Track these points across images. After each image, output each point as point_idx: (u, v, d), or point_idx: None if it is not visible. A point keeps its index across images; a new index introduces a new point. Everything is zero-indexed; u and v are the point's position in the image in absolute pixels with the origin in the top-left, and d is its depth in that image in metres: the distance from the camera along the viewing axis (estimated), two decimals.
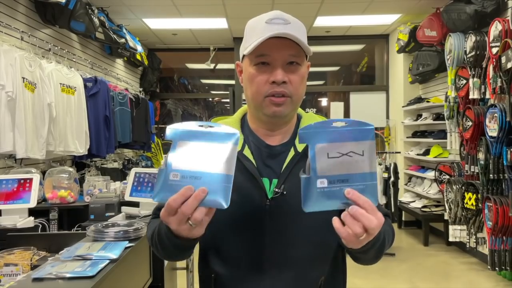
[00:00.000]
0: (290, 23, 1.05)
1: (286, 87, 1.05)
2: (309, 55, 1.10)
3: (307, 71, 1.11)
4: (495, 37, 3.93)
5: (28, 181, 2.41)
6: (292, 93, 1.06)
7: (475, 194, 4.26)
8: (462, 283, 4.35)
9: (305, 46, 1.04)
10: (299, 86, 1.07)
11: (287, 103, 1.07)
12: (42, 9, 3.98)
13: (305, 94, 2.44)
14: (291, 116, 1.13)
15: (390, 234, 1.15)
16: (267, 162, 1.11)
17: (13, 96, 3.15)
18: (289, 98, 1.06)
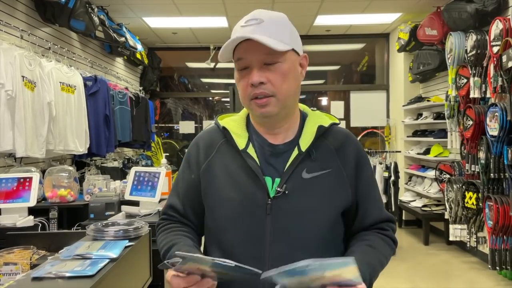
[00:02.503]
0: (264, 21, 1.05)
1: (266, 87, 1.05)
2: (295, 48, 1.08)
3: (293, 65, 1.08)
4: (496, 36, 3.92)
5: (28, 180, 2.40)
6: (274, 92, 1.05)
7: (476, 193, 4.26)
8: (463, 282, 4.35)
9: (276, 44, 1.01)
10: (282, 83, 1.05)
11: (271, 103, 1.06)
12: (42, 8, 3.97)
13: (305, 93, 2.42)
14: (285, 114, 1.11)
15: (387, 254, 1.16)
16: (270, 161, 1.11)
17: (13, 94, 3.14)
18: (273, 97, 1.06)
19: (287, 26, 1.09)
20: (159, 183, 2.42)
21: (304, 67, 1.13)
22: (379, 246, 1.13)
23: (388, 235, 1.16)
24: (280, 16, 1.10)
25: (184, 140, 8.34)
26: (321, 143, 1.12)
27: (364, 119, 7.30)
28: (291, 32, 1.08)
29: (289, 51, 1.07)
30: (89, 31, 4.40)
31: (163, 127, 8.62)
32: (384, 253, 1.13)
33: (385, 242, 1.15)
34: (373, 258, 1.09)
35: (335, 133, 1.16)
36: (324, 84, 8.87)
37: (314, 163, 1.10)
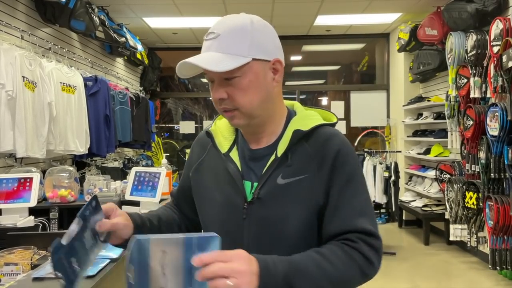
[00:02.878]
0: (220, 35, 1.03)
1: (227, 103, 1.04)
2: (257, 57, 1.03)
3: (256, 76, 1.04)
4: (496, 36, 3.92)
5: (28, 180, 2.40)
6: (237, 106, 1.04)
7: (476, 193, 4.25)
8: (463, 282, 4.35)
9: (220, 64, 0.99)
10: (242, 97, 1.03)
11: (237, 116, 1.06)
12: (42, 8, 3.97)
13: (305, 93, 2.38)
14: (259, 122, 1.09)
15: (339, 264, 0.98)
16: (250, 165, 1.11)
17: (13, 95, 3.14)
18: (236, 110, 1.05)
19: (247, 35, 1.03)
20: (160, 183, 2.42)
21: (278, 71, 1.08)
22: (326, 251, 0.98)
23: (355, 247, 1.00)
24: (240, 25, 1.05)
25: (184, 140, 8.34)
26: (299, 147, 1.07)
27: (364, 119, 7.30)
28: (252, 41, 1.03)
29: (251, 62, 1.02)
30: (90, 31, 4.41)
31: (163, 127, 8.63)
32: (330, 259, 0.97)
33: (344, 253, 0.99)
34: (304, 256, 0.97)
35: (318, 136, 1.08)
36: (324, 84, 8.87)
37: (290, 168, 1.06)
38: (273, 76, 1.07)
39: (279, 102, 1.12)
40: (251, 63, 1.02)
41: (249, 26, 1.04)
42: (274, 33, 1.11)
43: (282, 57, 1.09)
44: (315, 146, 1.07)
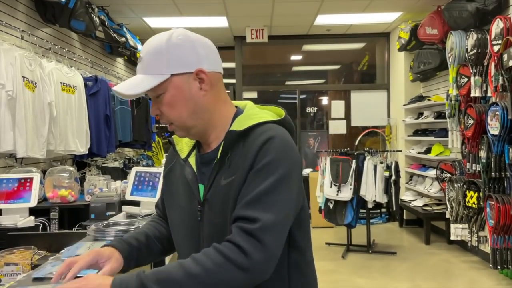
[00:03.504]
0: (142, 58, 1.10)
1: (162, 118, 1.13)
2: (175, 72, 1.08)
3: (179, 89, 1.09)
4: (496, 35, 3.91)
5: (29, 181, 2.40)
6: (170, 120, 1.12)
7: (477, 193, 4.25)
8: (464, 281, 4.34)
9: (133, 88, 1.07)
10: (170, 112, 1.10)
11: (175, 129, 1.14)
12: (42, 8, 3.97)
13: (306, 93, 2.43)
14: (199, 130, 1.14)
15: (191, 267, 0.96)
16: (202, 169, 1.16)
17: (13, 95, 3.14)
18: (172, 124, 1.13)
19: (162, 54, 1.08)
20: (160, 183, 2.42)
21: (203, 80, 1.10)
22: (201, 257, 0.98)
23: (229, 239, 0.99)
24: (155, 45, 1.10)
25: None
26: (237, 147, 1.09)
27: (365, 118, 7.30)
28: (169, 58, 1.08)
29: (170, 78, 1.08)
30: (90, 31, 4.40)
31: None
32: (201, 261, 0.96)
33: (216, 251, 0.98)
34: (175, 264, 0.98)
35: (253, 135, 1.08)
36: (324, 83, 8.87)
37: (228, 169, 1.08)
38: (199, 86, 1.10)
39: (218, 108, 1.14)
40: (171, 79, 1.08)
41: (164, 44, 1.09)
42: (197, 44, 1.13)
43: (211, 65, 1.12)
44: (248, 145, 1.07)
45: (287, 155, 1.06)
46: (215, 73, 1.13)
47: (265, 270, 0.98)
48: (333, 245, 5.55)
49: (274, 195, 1.01)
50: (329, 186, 5.16)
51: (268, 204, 1.00)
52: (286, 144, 1.07)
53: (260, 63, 8.81)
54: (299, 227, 1.12)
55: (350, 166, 5.13)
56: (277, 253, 1.00)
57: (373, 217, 6.43)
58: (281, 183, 1.03)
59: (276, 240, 1.00)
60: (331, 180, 5.14)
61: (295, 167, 1.07)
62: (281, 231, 1.02)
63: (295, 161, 1.08)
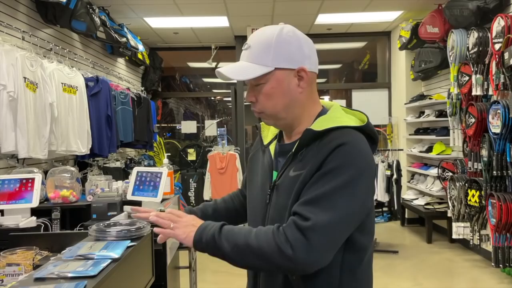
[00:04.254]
0: (250, 47, 1.18)
1: (255, 106, 1.22)
2: (280, 66, 1.16)
3: (280, 83, 1.17)
4: (497, 33, 3.91)
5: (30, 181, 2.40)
6: (262, 109, 1.21)
7: (479, 191, 4.25)
8: (466, 280, 4.34)
9: (242, 73, 1.16)
10: (266, 102, 1.19)
11: (264, 117, 1.23)
12: (43, 9, 3.98)
13: None
14: (286, 123, 1.23)
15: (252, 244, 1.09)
16: (279, 157, 1.27)
17: (15, 96, 3.15)
18: (263, 113, 1.22)
19: (270, 47, 1.16)
20: (161, 183, 2.42)
21: (304, 78, 1.18)
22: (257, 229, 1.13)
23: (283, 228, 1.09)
24: (266, 37, 1.17)
25: (186, 140, 8.34)
26: (312, 145, 1.16)
27: None
28: (275, 52, 1.16)
29: (274, 71, 1.16)
30: (91, 31, 4.41)
31: (165, 127, 8.63)
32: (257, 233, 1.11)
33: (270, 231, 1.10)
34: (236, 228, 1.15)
35: (330, 137, 1.14)
36: (325, 82, 8.86)
37: (300, 163, 1.16)
38: (297, 83, 1.19)
39: (308, 105, 1.23)
40: (274, 72, 1.16)
41: (274, 38, 1.16)
42: (303, 43, 1.21)
43: (311, 64, 1.20)
44: (322, 145, 1.14)
45: (354, 162, 1.10)
46: (313, 73, 1.21)
47: (307, 266, 1.06)
48: None
49: (332, 199, 1.07)
50: None
51: (324, 207, 1.06)
52: (357, 152, 1.12)
53: None
54: (361, 232, 1.16)
55: None
56: (324, 253, 1.06)
57: (375, 216, 6.41)
58: (343, 188, 1.08)
59: (325, 241, 1.05)
60: None
61: (361, 175, 1.10)
62: (333, 234, 1.07)
63: (363, 169, 1.11)
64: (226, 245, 1.11)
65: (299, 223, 1.06)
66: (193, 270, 2.94)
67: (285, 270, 1.11)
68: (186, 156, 7.41)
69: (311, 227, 1.04)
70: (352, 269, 1.16)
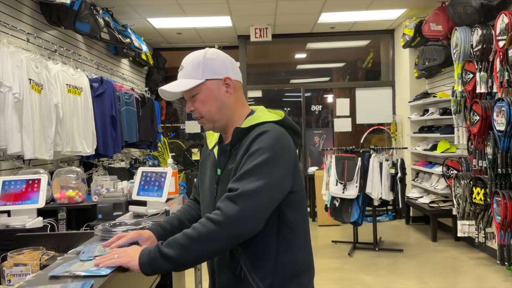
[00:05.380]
0: (184, 67, 1.43)
1: (195, 113, 1.44)
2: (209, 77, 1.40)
3: (211, 91, 1.41)
4: (501, 30, 3.89)
5: (36, 182, 2.42)
6: (201, 114, 1.43)
7: (483, 189, 4.23)
8: (471, 278, 4.33)
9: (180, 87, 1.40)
10: (203, 107, 1.42)
11: (204, 122, 1.45)
12: (47, 11, 4.00)
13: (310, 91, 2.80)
14: (222, 125, 1.45)
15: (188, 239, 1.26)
16: (221, 157, 1.47)
17: (20, 97, 3.17)
18: (202, 118, 1.44)
19: (200, 64, 1.41)
20: (166, 183, 2.44)
21: (229, 85, 1.42)
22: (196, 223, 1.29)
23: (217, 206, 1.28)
24: (195, 58, 1.43)
25: (190, 140, 8.36)
26: (242, 140, 1.38)
27: (370, 116, 7.28)
28: (204, 67, 1.40)
29: (204, 82, 1.40)
30: (95, 33, 4.43)
31: (169, 127, 8.65)
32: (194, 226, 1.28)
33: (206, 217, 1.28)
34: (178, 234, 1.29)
35: (255, 131, 1.36)
36: (329, 81, 8.85)
37: (234, 157, 1.39)
38: (226, 89, 1.43)
39: (237, 108, 1.46)
40: (205, 83, 1.40)
41: (201, 57, 1.42)
42: (225, 59, 1.47)
43: (235, 75, 1.45)
44: (248, 137, 1.36)
45: (276, 143, 1.33)
46: (237, 81, 1.46)
47: (242, 227, 1.24)
48: (339, 243, 5.55)
49: (256, 173, 1.28)
50: (334, 184, 5.16)
51: (249, 179, 1.27)
52: (278, 137, 1.34)
53: (264, 62, 8.82)
54: (289, 207, 1.36)
55: (356, 164, 5.13)
56: (254, 216, 1.25)
57: (379, 214, 6.42)
58: (265, 164, 1.29)
59: (252, 205, 1.24)
60: (337, 178, 5.14)
61: (283, 154, 1.33)
62: (259, 199, 1.26)
63: (284, 149, 1.34)
64: (171, 250, 1.25)
65: (229, 195, 1.26)
66: (198, 269, 2.95)
67: (228, 239, 1.25)
68: (191, 156, 7.42)
69: (239, 194, 1.24)
70: (288, 241, 1.36)
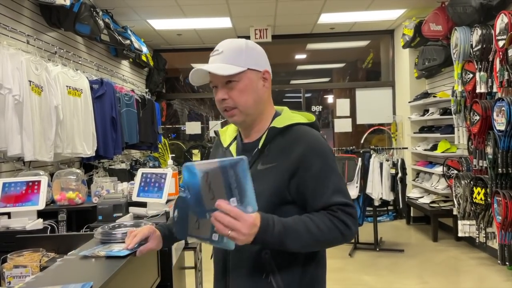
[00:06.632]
0: (223, 52, 1.34)
1: (228, 102, 1.35)
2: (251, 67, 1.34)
3: (251, 81, 1.35)
4: (501, 30, 3.89)
5: (37, 184, 2.43)
6: (235, 105, 1.35)
7: (484, 189, 4.23)
8: (472, 278, 4.33)
9: (225, 70, 1.30)
10: (240, 97, 1.34)
11: (236, 113, 1.36)
12: (47, 13, 4.00)
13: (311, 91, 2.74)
14: (251, 119, 1.39)
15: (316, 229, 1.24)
16: (242, 155, 1.37)
17: (20, 99, 3.17)
18: (236, 109, 1.35)
19: (243, 51, 1.35)
20: (166, 184, 2.44)
21: (267, 79, 1.39)
22: (315, 218, 1.26)
23: (336, 216, 1.28)
24: (237, 44, 1.37)
25: (191, 141, 8.36)
26: (276, 141, 1.35)
27: (370, 116, 7.28)
28: (247, 55, 1.35)
29: (245, 71, 1.33)
30: (94, 34, 4.44)
31: (169, 128, 8.66)
32: (317, 224, 1.25)
33: (327, 218, 1.27)
34: (297, 220, 1.25)
35: (291, 133, 1.35)
36: (329, 82, 8.86)
37: (266, 157, 1.35)
38: (263, 83, 1.38)
39: (268, 105, 1.43)
40: (246, 71, 1.34)
41: (244, 45, 1.37)
42: (264, 52, 1.42)
43: (270, 70, 1.41)
44: (287, 142, 1.34)
45: (328, 153, 1.35)
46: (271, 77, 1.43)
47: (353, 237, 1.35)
48: None
49: (341, 183, 1.34)
50: None
51: (345, 191, 1.33)
52: (324, 143, 1.36)
53: None
54: None
55: (356, 164, 5.13)
56: None
57: (380, 214, 6.42)
58: (341, 177, 1.36)
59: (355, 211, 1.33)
60: None
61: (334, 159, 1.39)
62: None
63: (332, 154, 1.39)
64: (292, 244, 1.23)
65: (344, 209, 1.29)
66: (199, 270, 2.95)
67: (337, 245, 1.32)
68: (191, 157, 7.42)
69: (351, 207, 1.30)
70: (315, 258, 1.38)
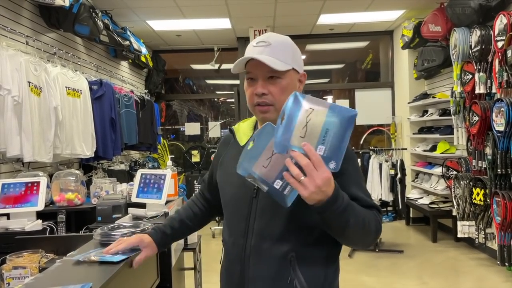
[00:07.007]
0: (271, 44, 1.28)
1: (267, 98, 1.29)
2: (295, 67, 1.30)
3: (292, 81, 1.31)
4: (500, 31, 3.90)
5: (36, 185, 2.43)
6: (274, 102, 1.29)
7: (483, 190, 4.23)
8: (471, 279, 4.33)
9: (277, 65, 1.24)
10: (280, 95, 1.28)
11: (271, 111, 1.30)
12: (46, 14, 4.00)
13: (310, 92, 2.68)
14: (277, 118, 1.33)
15: (366, 219, 1.20)
16: None
17: (19, 100, 3.17)
18: (272, 106, 1.29)
19: (290, 49, 1.31)
20: (165, 185, 2.44)
21: (302, 83, 1.36)
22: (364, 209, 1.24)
23: (375, 214, 1.27)
24: (285, 40, 1.32)
25: (190, 142, 8.36)
26: None
27: (370, 117, 7.28)
28: (293, 54, 1.31)
29: (290, 70, 1.28)
30: (94, 35, 4.43)
31: (169, 129, 8.66)
32: (366, 213, 1.22)
33: (369, 213, 1.24)
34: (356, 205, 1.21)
35: None
36: (328, 82, 8.87)
37: None
38: (299, 85, 1.35)
39: None
40: (290, 71, 1.30)
41: (290, 43, 1.33)
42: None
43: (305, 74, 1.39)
44: None
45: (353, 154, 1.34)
46: None
47: None
48: None
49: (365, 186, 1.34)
50: None
51: (369, 194, 1.32)
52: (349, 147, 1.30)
53: None
54: None
55: None
56: None
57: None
58: (361, 174, 1.36)
59: None
60: None
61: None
62: None
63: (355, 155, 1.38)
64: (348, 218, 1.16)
65: (379, 213, 1.29)
66: (198, 271, 2.95)
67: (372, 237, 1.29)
68: (190, 158, 7.42)
69: (380, 213, 1.31)
70: (334, 255, 1.35)
